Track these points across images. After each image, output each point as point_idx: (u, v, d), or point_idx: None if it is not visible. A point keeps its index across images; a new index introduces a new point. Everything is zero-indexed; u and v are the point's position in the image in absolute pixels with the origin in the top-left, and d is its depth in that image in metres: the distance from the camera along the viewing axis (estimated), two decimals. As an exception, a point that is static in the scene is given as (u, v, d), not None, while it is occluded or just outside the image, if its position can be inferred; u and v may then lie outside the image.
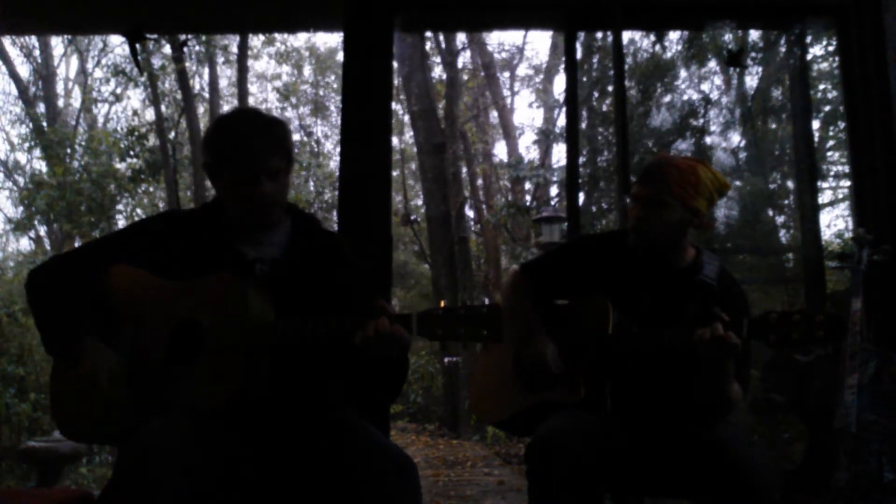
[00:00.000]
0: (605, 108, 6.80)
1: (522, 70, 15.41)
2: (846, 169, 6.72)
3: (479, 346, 2.00)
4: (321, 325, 1.49)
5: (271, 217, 1.67)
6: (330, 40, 18.05)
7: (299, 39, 16.57)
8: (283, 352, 1.55)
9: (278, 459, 1.56)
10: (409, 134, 12.71)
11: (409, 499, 1.46)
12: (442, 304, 1.45)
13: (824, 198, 7.75)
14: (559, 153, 11.76)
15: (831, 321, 1.47)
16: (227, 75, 13.60)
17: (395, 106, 7.15)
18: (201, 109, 12.27)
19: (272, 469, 1.56)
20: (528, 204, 11.00)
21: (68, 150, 10.89)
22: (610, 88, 6.05)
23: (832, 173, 7.57)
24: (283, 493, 1.55)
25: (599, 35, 6.46)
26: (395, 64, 6.03)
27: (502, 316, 1.41)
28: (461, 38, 11.42)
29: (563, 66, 5.09)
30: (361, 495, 1.44)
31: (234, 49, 11.16)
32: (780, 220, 5.35)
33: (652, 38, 6.20)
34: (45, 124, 11.72)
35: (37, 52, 13.21)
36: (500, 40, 16.76)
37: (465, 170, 12.74)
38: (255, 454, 1.56)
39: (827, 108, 5.91)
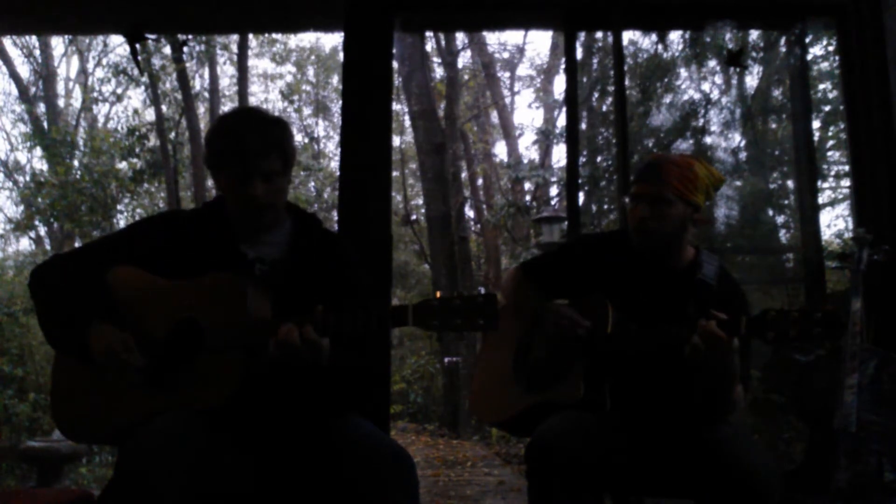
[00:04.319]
0: (605, 108, 6.81)
1: (523, 70, 15.43)
2: (846, 169, 6.71)
3: (478, 347, 2.00)
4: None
5: (265, 218, 1.67)
6: (333, 40, 18.08)
7: (303, 40, 16.62)
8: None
9: (277, 456, 1.57)
10: (409, 134, 12.72)
11: (406, 491, 1.46)
12: (438, 294, 1.44)
13: (824, 198, 7.73)
14: (559, 153, 11.78)
15: (829, 318, 1.47)
16: (228, 75, 13.61)
17: (395, 106, 7.15)
18: (202, 109, 12.28)
19: (271, 466, 1.56)
20: (528, 204, 11.01)
21: (70, 150, 10.91)
22: (610, 88, 6.05)
23: (832, 173, 7.56)
24: (281, 489, 1.55)
25: (599, 35, 6.48)
26: (395, 64, 6.05)
27: (498, 304, 1.41)
28: (461, 38, 11.44)
29: (563, 66, 5.09)
30: (358, 488, 1.44)
31: (235, 49, 11.17)
32: (780, 220, 5.35)
33: (652, 38, 6.20)
34: (45, 124, 11.73)
35: (37, 52, 13.23)
36: (500, 40, 16.83)
37: (465, 170, 12.76)
38: (255, 452, 1.56)
39: (827, 108, 5.90)
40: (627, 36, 6.83)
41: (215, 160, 1.64)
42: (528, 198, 11.65)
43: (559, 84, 15.20)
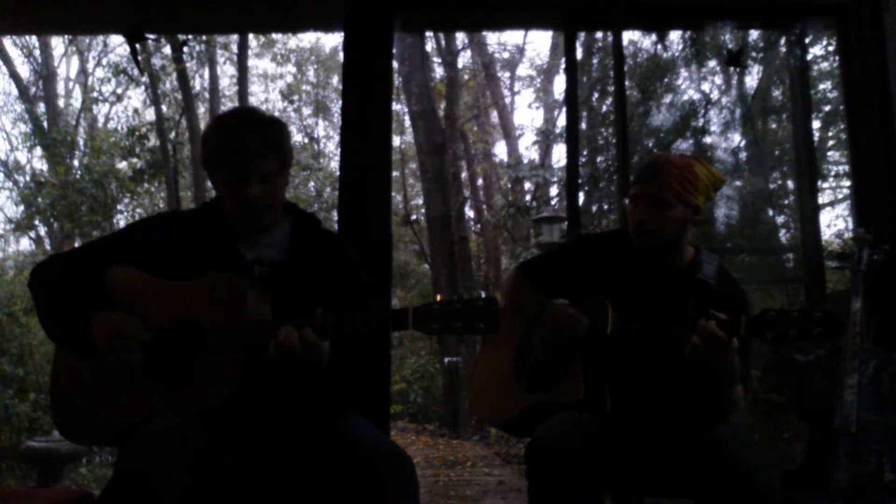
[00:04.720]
0: (605, 108, 6.80)
1: (523, 70, 15.45)
2: (846, 169, 6.72)
3: (478, 347, 2.00)
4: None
5: (263, 219, 1.66)
6: (333, 40, 18.10)
7: (303, 40, 16.62)
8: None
9: (277, 457, 1.57)
10: (409, 134, 12.73)
11: (405, 492, 1.46)
12: (438, 297, 1.44)
13: (824, 198, 7.75)
14: (559, 153, 11.80)
15: (829, 318, 1.47)
16: (228, 75, 13.62)
17: (395, 106, 7.15)
18: (202, 109, 12.28)
19: (271, 466, 1.56)
20: (528, 204, 11.02)
21: (70, 150, 10.90)
22: (610, 88, 6.06)
23: (832, 173, 7.57)
24: (281, 489, 1.55)
25: (599, 35, 6.48)
26: (395, 64, 6.05)
27: (498, 307, 1.40)
28: (461, 38, 11.45)
29: (563, 66, 5.09)
30: (358, 488, 1.44)
31: (235, 49, 11.17)
32: (780, 220, 5.34)
33: (652, 38, 6.20)
34: (45, 124, 11.73)
35: (37, 52, 13.23)
36: (500, 40, 16.86)
37: (465, 170, 12.77)
38: (255, 452, 1.56)
39: (827, 108, 5.90)
40: (627, 36, 6.84)
41: (212, 161, 1.63)
42: (528, 198, 11.66)
43: (559, 84, 15.23)
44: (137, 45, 3.35)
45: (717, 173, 1.82)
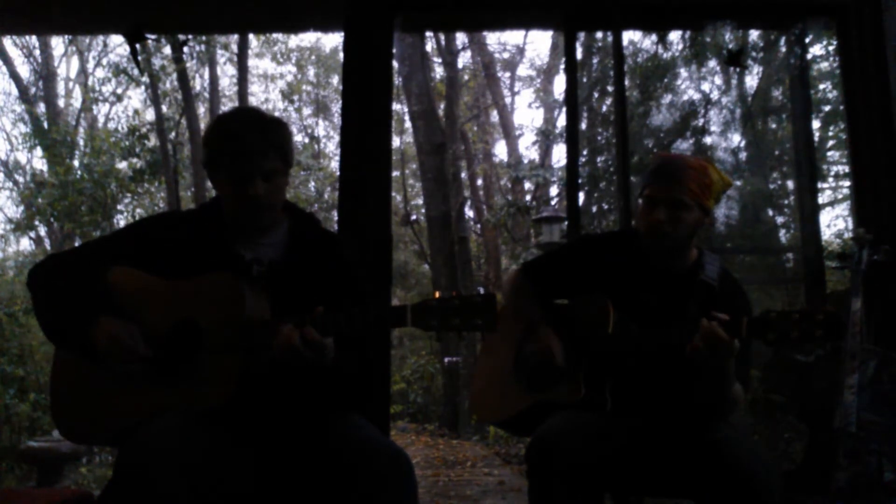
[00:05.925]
0: (605, 108, 6.80)
1: (523, 70, 15.45)
2: (846, 169, 6.72)
3: (479, 347, 1.99)
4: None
5: (264, 218, 1.66)
6: (333, 40, 18.10)
7: (303, 40, 16.63)
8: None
9: (277, 456, 1.57)
10: (409, 134, 12.73)
11: (405, 492, 1.46)
12: (437, 294, 1.44)
13: (824, 198, 7.75)
14: (559, 153, 11.80)
15: (830, 319, 1.47)
16: (228, 75, 13.62)
17: (395, 106, 7.15)
18: (202, 109, 12.28)
19: (271, 466, 1.56)
20: (528, 204, 11.01)
21: (70, 150, 10.90)
22: (610, 88, 6.06)
23: (832, 173, 7.57)
24: (281, 489, 1.55)
25: (599, 35, 6.47)
26: (395, 64, 6.05)
27: (496, 304, 1.40)
28: (461, 38, 11.45)
29: (563, 66, 5.08)
30: (358, 488, 1.44)
31: (235, 49, 11.17)
32: (780, 220, 5.35)
33: (652, 38, 6.20)
34: (45, 124, 11.73)
35: (37, 52, 13.23)
36: (500, 40, 16.84)
37: (465, 170, 12.77)
38: (255, 452, 1.56)
39: (827, 108, 5.91)
40: (627, 36, 6.84)
41: (214, 161, 1.64)
42: (528, 198, 11.66)
43: (559, 84, 15.24)
44: (137, 45, 3.35)
45: (726, 177, 1.81)
